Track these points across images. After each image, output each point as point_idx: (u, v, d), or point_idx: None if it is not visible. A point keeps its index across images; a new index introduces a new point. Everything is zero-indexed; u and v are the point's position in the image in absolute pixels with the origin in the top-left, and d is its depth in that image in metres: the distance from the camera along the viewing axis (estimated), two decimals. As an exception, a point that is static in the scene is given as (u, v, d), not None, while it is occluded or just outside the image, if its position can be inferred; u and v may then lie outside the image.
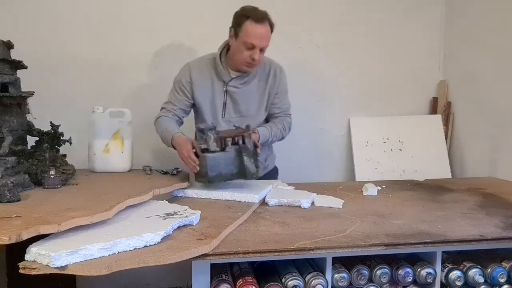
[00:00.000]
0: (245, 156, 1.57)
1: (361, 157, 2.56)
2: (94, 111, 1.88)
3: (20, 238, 0.96)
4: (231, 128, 1.79)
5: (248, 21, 1.71)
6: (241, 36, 1.73)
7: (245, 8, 1.76)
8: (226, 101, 1.88)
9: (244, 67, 1.81)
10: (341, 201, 1.58)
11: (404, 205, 1.60)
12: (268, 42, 1.77)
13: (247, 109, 1.90)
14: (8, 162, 1.36)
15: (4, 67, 1.48)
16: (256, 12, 1.73)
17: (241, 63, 1.79)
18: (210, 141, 1.60)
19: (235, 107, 1.90)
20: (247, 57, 1.75)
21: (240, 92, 1.88)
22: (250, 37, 1.71)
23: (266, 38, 1.75)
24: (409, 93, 2.74)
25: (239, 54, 1.77)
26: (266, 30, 1.74)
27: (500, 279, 1.30)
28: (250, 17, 1.71)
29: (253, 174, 1.58)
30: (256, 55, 1.74)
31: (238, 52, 1.77)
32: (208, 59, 1.91)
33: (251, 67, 1.81)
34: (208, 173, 1.57)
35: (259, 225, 1.31)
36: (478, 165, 2.43)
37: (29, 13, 2.26)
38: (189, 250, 1.03)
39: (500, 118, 2.26)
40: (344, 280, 1.22)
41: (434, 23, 2.73)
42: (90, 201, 1.28)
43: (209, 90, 1.88)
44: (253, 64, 1.78)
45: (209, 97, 1.88)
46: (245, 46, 1.73)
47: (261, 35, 1.72)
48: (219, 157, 1.58)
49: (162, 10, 2.41)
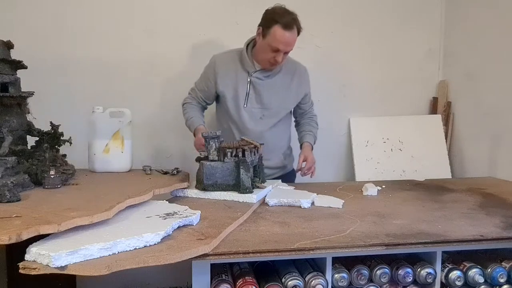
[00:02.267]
0: (242, 169, 1.57)
1: (361, 157, 2.56)
2: (94, 111, 1.88)
3: (20, 238, 0.96)
4: (253, 118, 1.93)
5: (276, 26, 1.77)
6: (268, 39, 1.80)
7: (276, 11, 1.81)
8: (249, 91, 1.93)
9: (266, 66, 1.89)
10: (341, 201, 1.58)
11: (404, 205, 1.60)
12: (292, 47, 1.84)
13: (269, 101, 1.95)
14: (8, 162, 1.36)
15: (4, 67, 1.48)
16: (286, 18, 1.78)
17: (265, 62, 1.87)
18: (211, 150, 1.62)
19: (257, 98, 1.95)
20: (271, 58, 1.83)
21: (264, 84, 1.94)
22: (277, 42, 1.78)
23: (291, 44, 1.82)
24: (409, 93, 2.74)
25: (263, 54, 1.85)
26: (293, 36, 1.80)
27: (500, 279, 1.30)
28: (279, 23, 1.76)
29: (246, 189, 1.56)
30: (280, 57, 1.82)
31: (263, 51, 1.85)
32: (234, 52, 1.99)
33: (273, 65, 1.88)
34: (204, 181, 1.60)
35: (259, 225, 1.31)
36: (478, 165, 2.43)
37: (29, 13, 2.26)
38: (189, 250, 1.03)
39: (500, 118, 2.26)
40: (344, 280, 1.22)
41: (434, 23, 2.73)
42: (90, 201, 1.27)
43: (233, 80, 1.94)
44: (275, 64, 1.87)
45: (233, 87, 1.94)
46: (270, 48, 1.80)
47: (287, 41, 1.79)
48: (216, 167, 1.60)
49: (162, 10, 2.41)
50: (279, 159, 2.07)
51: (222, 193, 1.59)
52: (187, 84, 2.48)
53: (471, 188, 1.92)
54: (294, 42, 1.82)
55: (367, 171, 2.52)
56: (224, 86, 1.94)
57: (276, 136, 2.01)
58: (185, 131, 2.47)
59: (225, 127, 2.00)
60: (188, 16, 2.44)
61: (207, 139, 1.62)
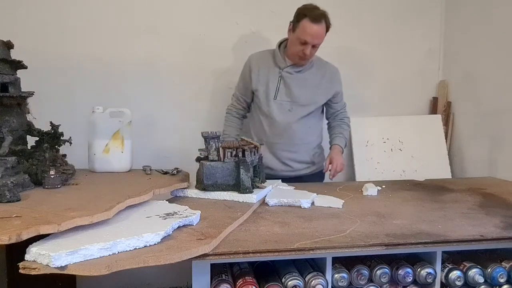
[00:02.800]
0: (242, 169, 1.57)
1: (361, 157, 2.56)
2: (94, 111, 1.88)
3: (20, 238, 0.96)
4: (282, 110, 2.00)
5: (305, 19, 1.85)
6: (297, 32, 1.88)
7: (306, 7, 1.90)
8: (279, 85, 2.01)
9: (296, 59, 1.96)
10: (341, 201, 1.58)
11: (404, 205, 1.60)
12: (321, 40, 1.90)
13: (299, 95, 2.01)
14: (8, 162, 1.36)
15: (4, 67, 1.48)
16: (314, 12, 1.86)
17: (294, 55, 1.95)
18: (211, 150, 1.62)
19: (287, 91, 2.01)
20: (299, 51, 1.90)
21: (294, 78, 2.01)
22: (304, 34, 1.85)
23: (318, 36, 1.88)
24: (409, 93, 2.74)
25: (293, 47, 1.93)
26: (321, 29, 1.87)
27: (500, 279, 1.30)
28: (308, 16, 1.85)
29: (246, 189, 1.56)
30: (308, 50, 1.89)
31: (293, 45, 1.93)
32: (268, 51, 2.10)
33: (302, 60, 1.95)
34: (203, 181, 1.60)
35: (259, 225, 1.31)
36: (478, 165, 2.43)
37: (30, 13, 2.26)
38: (189, 250, 1.03)
39: (500, 118, 2.26)
40: (344, 280, 1.22)
41: (434, 23, 2.73)
42: (90, 201, 1.27)
43: (266, 75, 2.03)
44: (304, 58, 1.93)
45: (265, 82, 2.03)
46: (299, 41, 1.88)
47: (314, 33, 1.86)
48: (216, 167, 1.60)
49: (162, 10, 2.41)
50: (307, 154, 2.11)
51: (222, 193, 1.59)
52: (187, 84, 2.49)
53: (471, 188, 1.92)
54: (322, 36, 1.89)
55: (367, 171, 2.52)
56: (257, 81, 2.03)
57: (304, 130, 2.06)
58: (185, 131, 2.48)
59: (256, 120, 2.10)
60: (188, 16, 2.44)
61: (207, 139, 1.62)
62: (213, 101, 2.51)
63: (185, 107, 2.49)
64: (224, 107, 2.21)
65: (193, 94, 2.49)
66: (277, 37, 2.10)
